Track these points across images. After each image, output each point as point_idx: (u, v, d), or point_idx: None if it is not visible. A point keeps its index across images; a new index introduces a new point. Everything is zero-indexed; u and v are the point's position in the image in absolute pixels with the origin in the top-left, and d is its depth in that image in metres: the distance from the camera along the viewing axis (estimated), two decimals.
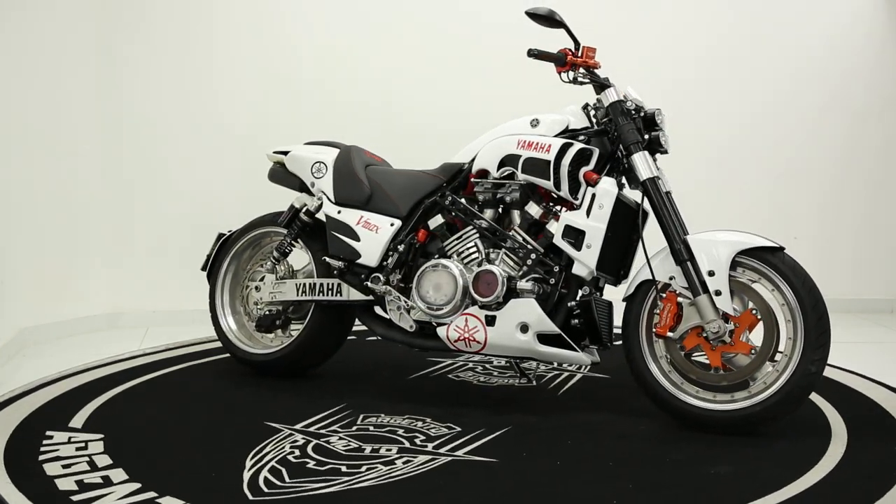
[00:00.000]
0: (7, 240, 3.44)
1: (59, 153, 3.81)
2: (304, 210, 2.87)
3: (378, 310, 2.78)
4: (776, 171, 4.47)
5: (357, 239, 2.71)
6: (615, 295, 2.53)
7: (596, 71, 2.54)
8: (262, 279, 2.96)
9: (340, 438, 2.28)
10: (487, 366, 3.12)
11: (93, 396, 2.70)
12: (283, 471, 2.03)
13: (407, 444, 2.24)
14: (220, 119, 4.09)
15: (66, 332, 3.82)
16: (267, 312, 2.94)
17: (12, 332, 3.46)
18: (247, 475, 2.00)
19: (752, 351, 2.32)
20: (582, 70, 2.53)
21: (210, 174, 4.08)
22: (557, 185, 2.44)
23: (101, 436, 2.27)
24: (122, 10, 4.02)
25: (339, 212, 2.78)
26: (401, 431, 2.35)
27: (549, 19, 2.48)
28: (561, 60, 2.50)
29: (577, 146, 2.44)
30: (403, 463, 2.10)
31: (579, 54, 2.52)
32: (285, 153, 2.97)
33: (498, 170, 2.56)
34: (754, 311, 2.33)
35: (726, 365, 2.36)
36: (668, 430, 2.37)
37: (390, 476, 2.01)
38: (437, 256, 2.62)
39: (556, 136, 2.51)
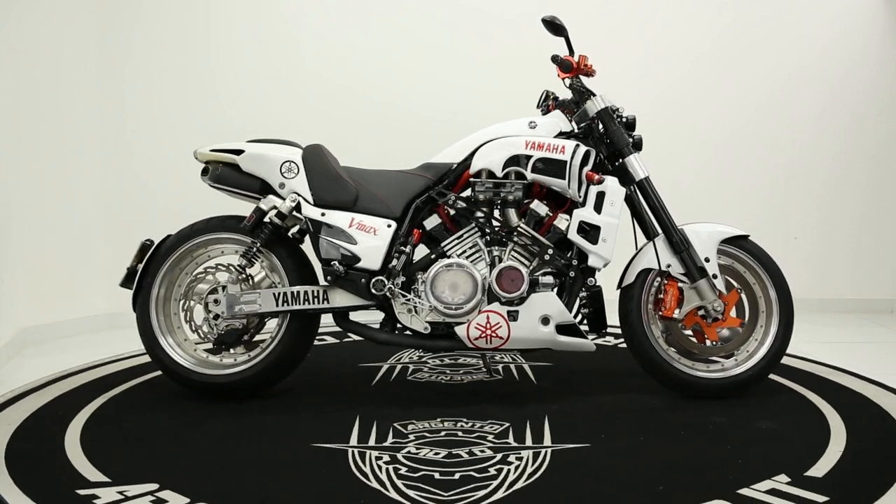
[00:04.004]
0: (7, 239, 3.45)
1: (60, 152, 3.82)
2: (275, 213, 2.64)
3: (353, 315, 2.72)
4: (776, 170, 4.47)
5: (353, 242, 2.61)
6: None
7: (584, 79, 2.73)
8: (214, 291, 2.66)
9: (418, 448, 2.20)
10: (428, 365, 3.13)
11: (93, 396, 2.70)
12: (422, 485, 1.94)
13: (490, 444, 2.23)
14: (221, 118, 4.10)
15: (66, 332, 3.83)
16: (230, 328, 2.66)
17: (12, 332, 3.46)
18: (396, 496, 1.89)
19: (742, 324, 2.69)
20: (575, 77, 2.73)
21: None
22: (568, 184, 2.56)
23: (157, 485, 1.95)
24: (120, 8, 4.03)
25: (322, 214, 2.63)
26: (461, 434, 2.32)
27: (553, 25, 2.64)
28: (568, 67, 2.68)
29: (584, 148, 2.61)
30: (517, 459, 2.11)
31: (578, 62, 2.70)
32: (236, 152, 2.68)
33: (503, 169, 2.59)
34: (739, 290, 2.70)
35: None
36: (676, 400, 2.64)
37: (529, 473, 2.01)
38: (433, 256, 2.64)
39: (554, 138, 2.64)
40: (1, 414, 2.51)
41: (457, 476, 2.01)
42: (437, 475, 2.01)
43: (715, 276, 2.62)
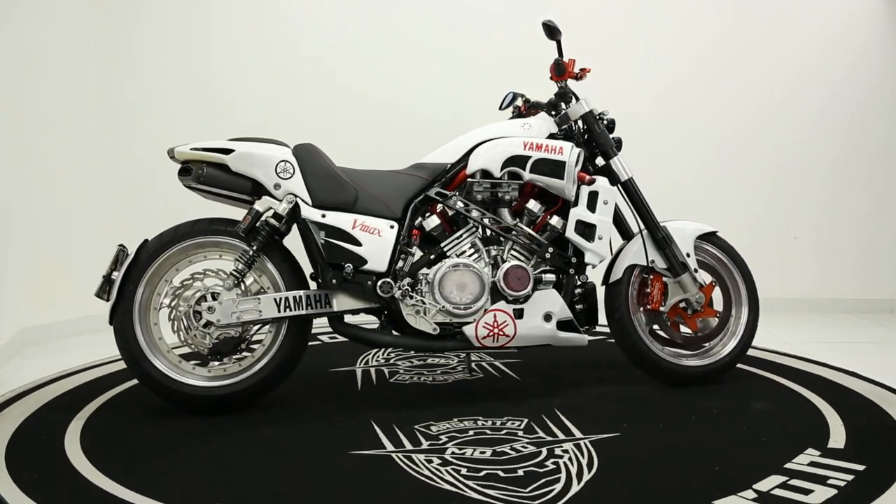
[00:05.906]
0: (7, 239, 3.45)
1: (59, 153, 3.82)
2: (271, 215, 2.51)
3: (348, 318, 2.65)
4: (776, 170, 4.47)
5: (358, 244, 2.52)
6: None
7: (571, 82, 2.82)
8: (202, 298, 2.50)
9: (460, 448, 2.18)
10: (402, 367, 3.12)
11: (93, 397, 2.71)
12: (495, 484, 1.93)
13: (528, 439, 2.25)
14: (221, 118, 4.09)
15: (66, 332, 3.83)
16: (225, 337, 2.50)
17: (12, 332, 3.46)
18: (479, 496, 1.86)
19: (718, 315, 2.86)
20: (565, 81, 2.81)
21: None
22: (565, 184, 2.63)
23: None
24: (120, 8, 4.03)
25: (323, 216, 2.52)
26: (489, 432, 2.32)
27: (550, 29, 2.71)
28: (563, 71, 2.78)
29: (577, 149, 2.67)
30: (564, 452, 2.15)
31: (568, 65, 2.78)
32: (224, 151, 2.51)
33: (501, 170, 2.61)
34: (714, 283, 2.87)
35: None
36: (661, 388, 2.77)
37: (586, 464, 2.05)
38: (432, 257, 2.64)
39: (546, 139, 2.71)
40: (1, 414, 2.51)
41: (520, 472, 2.01)
42: (501, 474, 2.00)
43: (696, 271, 2.79)
